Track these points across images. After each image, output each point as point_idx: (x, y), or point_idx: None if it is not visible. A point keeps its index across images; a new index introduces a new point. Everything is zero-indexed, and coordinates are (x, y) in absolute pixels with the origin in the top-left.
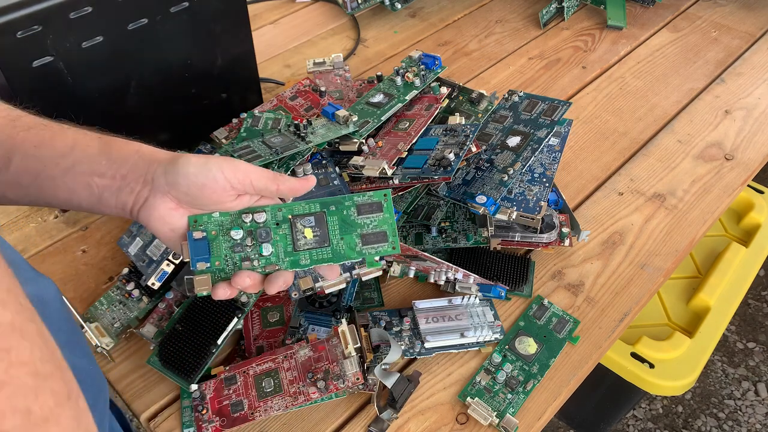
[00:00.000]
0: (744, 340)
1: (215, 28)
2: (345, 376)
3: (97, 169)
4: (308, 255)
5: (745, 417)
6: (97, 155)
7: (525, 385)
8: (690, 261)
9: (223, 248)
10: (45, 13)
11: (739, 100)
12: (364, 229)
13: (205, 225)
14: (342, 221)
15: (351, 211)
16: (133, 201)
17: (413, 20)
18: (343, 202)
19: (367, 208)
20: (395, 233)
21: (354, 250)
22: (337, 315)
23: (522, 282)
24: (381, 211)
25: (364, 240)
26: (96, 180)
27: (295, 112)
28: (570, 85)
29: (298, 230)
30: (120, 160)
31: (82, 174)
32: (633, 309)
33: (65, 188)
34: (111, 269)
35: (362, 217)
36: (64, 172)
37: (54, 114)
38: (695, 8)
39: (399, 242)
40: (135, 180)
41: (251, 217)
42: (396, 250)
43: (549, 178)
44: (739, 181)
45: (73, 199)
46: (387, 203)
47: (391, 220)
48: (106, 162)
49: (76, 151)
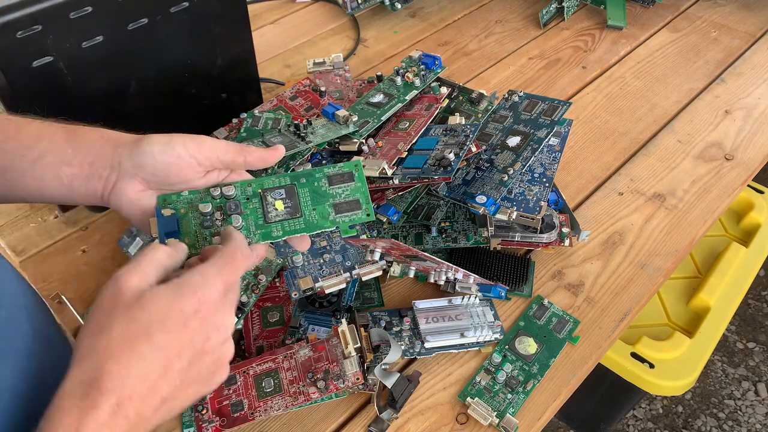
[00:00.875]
0: (744, 340)
1: (215, 28)
2: (345, 376)
3: (65, 158)
4: (280, 226)
5: (745, 417)
6: (63, 144)
7: (525, 385)
8: (690, 261)
9: (192, 224)
10: (45, 13)
11: (739, 100)
12: (336, 198)
13: (174, 203)
14: (313, 192)
15: (322, 182)
16: (103, 187)
17: (413, 20)
18: (313, 174)
19: (338, 178)
20: (368, 200)
21: (327, 220)
22: (337, 315)
23: (522, 282)
24: (353, 181)
25: (336, 209)
26: (64, 169)
27: (295, 112)
28: (570, 85)
29: (268, 203)
30: (86, 148)
31: (50, 165)
32: (633, 309)
33: (35, 180)
34: (111, 269)
35: (334, 187)
36: (32, 164)
37: (54, 114)
38: (695, 8)
39: (373, 209)
40: (102, 166)
41: (219, 191)
42: (371, 217)
43: (549, 178)
44: (739, 181)
45: (44, 190)
46: (358, 173)
47: (364, 188)
48: (72, 150)
49: (42, 142)
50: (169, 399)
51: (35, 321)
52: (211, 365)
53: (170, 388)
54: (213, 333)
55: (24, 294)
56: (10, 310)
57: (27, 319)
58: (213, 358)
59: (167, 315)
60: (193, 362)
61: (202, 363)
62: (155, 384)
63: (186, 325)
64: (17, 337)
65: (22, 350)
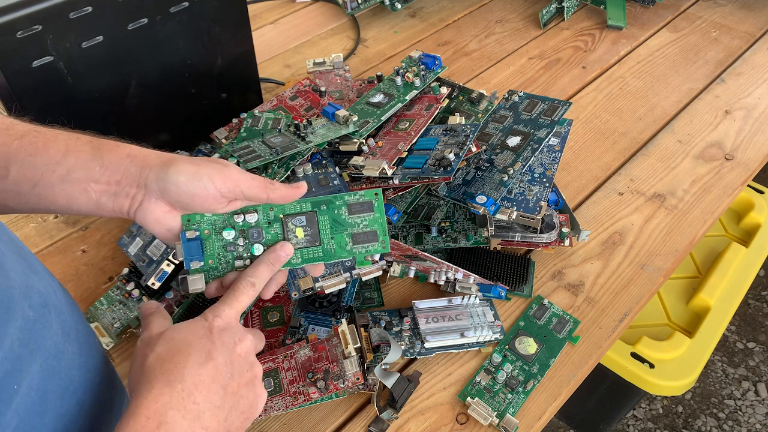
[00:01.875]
0: (744, 340)
1: (215, 28)
2: (345, 376)
3: (92, 176)
4: (299, 254)
5: (745, 417)
6: (90, 161)
7: (525, 385)
8: (690, 261)
9: (216, 247)
10: (45, 13)
11: (739, 100)
12: (354, 228)
13: (198, 224)
14: (333, 220)
15: (342, 210)
16: (129, 204)
17: (413, 20)
18: (334, 202)
19: (357, 207)
20: (385, 233)
21: (344, 250)
22: (337, 315)
23: (522, 282)
24: (371, 211)
25: (354, 239)
26: (92, 186)
27: (295, 112)
28: (570, 85)
29: (289, 230)
30: (112, 166)
31: (79, 181)
32: (633, 309)
33: (63, 195)
34: (111, 269)
35: (353, 216)
36: (61, 180)
37: (54, 114)
38: (695, 8)
39: (389, 241)
40: (129, 185)
41: (243, 218)
42: (386, 249)
43: (549, 178)
44: (739, 181)
45: (72, 204)
46: (378, 202)
47: (382, 219)
48: (100, 168)
49: (69, 157)
50: (229, 391)
51: (65, 321)
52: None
53: (222, 376)
54: (237, 341)
55: (55, 294)
56: (39, 311)
57: (56, 319)
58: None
59: (194, 329)
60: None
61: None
62: (208, 370)
63: (211, 333)
64: (46, 337)
65: (51, 350)
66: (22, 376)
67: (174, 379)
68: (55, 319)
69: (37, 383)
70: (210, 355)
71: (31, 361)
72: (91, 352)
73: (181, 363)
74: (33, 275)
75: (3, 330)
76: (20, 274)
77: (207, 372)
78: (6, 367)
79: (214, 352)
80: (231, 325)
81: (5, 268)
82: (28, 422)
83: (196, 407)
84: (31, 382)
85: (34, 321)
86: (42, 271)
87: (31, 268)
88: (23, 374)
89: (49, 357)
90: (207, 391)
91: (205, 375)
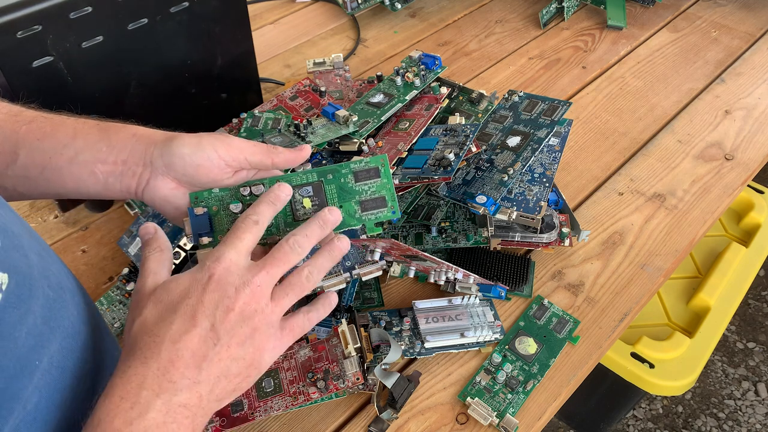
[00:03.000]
0: (744, 340)
1: (215, 28)
2: (345, 376)
3: (99, 156)
4: None
5: (745, 417)
6: (97, 142)
7: (525, 385)
8: (690, 261)
9: (225, 222)
10: (45, 13)
11: (739, 100)
12: (362, 195)
13: (206, 201)
14: (340, 189)
15: (348, 179)
16: (137, 183)
17: (413, 20)
18: (339, 170)
19: (364, 174)
20: (394, 198)
21: (353, 217)
22: (337, 315)
23: (522, 282)
24: (378, 177)
25: (363, 206)
26: (99, 167)
27: (295, 112)
28: (570, 85)
29: (296, 200)
30: (119, 146)
31: (86, 162)
32: (633, 309)
33: (72, 177)
34: (111, 269)
35: (360, 183)
36: (69, 162)
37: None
38: (695, 8)
39: (398, 207)
40: (135, 164)
41: (249, 190)
42: (396, 215)
43: (549, 178)
44: (739, 181)
45: (80, 187)
46: (384, 169)
47: (389, 185)
48: (107, 148)
49: (77, 140)
50: (214, 360)
51: (79, 304)
52: (243, 325)
53: (206, 346)
54: (233, 292)
55: (67, 278)
56: (57, 291)
57: (72, 300)
58: (243, 318)
59: (187, 286)
60: (223, 321)
61: (233, 322)
62: (188, 342)
63: (204, 289)
64: (64, 317)
65: (69, 329)
66: (44, 353)
67: (149, 356)
68: (71, 300)
69: (57, 361)
70: (194, 321)
71: (51, 339)
72: (103, 337)
73: (160, 336)
74: (48, 257)
75: (27, 306)
76: (37, 255)
77: (185, 345)
78: (30, 342)
79: (200, 316)
80: (231, 270)
81: (25, 248)
82: (49, 398)
83: (171, 386)
84: (51, 359)
85: (53, 300)
86: (54, 255)
87: (45, 250)
88: (44, 350)
89: (67, 336)
90: (184, 367)
91: (183, 349)
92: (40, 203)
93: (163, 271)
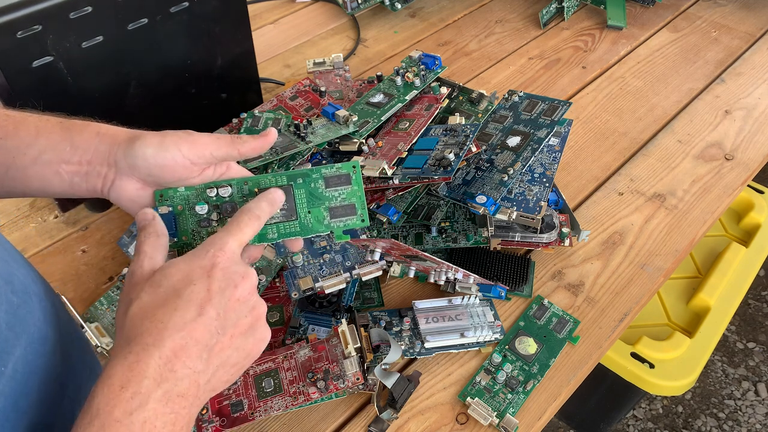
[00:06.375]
0: (744, 340)
1: (215, 28)
2: (345, 376)
3: (63, 156)
4: (275, 228)
5: (745, 417)
6: (60, 142)
7: (525, 385)
8: (690, 261)
9: (190, 222)
10: (45, 13)
11: (739, 100)
12: (332, 202)
13: (171, 200)
14: (309, 194)
15: (319, 184)
16: (102, 183)
17: (413, 20)
18: (310, 175)
19: (335, 180)
20: (364, 206)
21: (322, 224)
22: (337, 315)
23: (522, 282)
24: (349, 184)
25: (332, 213)
26: (64, 167)
27: (295, 112)
28: (570, 85)
29: None
30: (83, 146)
31: (50, 162)
32: (633, 309)
33: (37, 177)
34: (111, 269)
35: (330, 189)
36: (33, 162)
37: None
38: (695, 8)
39: (368, 214)
40: (100, 164)
41: (216, 192)
42: (365, 223)
43: (549, 178)
44: (739, 181)
45: (46, 187)
46: (356, 175)
47: (360, 192)
48: (70, 148)
49: (40, 139)
50: (216, 350)
51: (46, 308)
52: (248, 316)
53: (209, 335)
54: (238, 281)
55: (34, 283)
56: (22, 296)
57: (38, 306)
58: (247, 308)
59: (188, 272)
60: (228, 310)
61: (237, 311)
62: (192, 330)
63: (209, 276)
64: (30, 322)
65: (35, 334)
66: (8, 358)
67: (152, 342)
68: (38, 305)
69: (21, 366)
70: (201, 309)
71: (16, 344)
72: (72, 340)
73: (163, 322)
74: (13, 263)
75: None
76: (1, 261)
77: (190, 334)
78: None
79: (207, 304)
80: (234, 261)
81: None
82: (14, 404)
83: (173, 375)
84: (16, 365)
85: (17, 306)
86: (21, 260)
87: (10, 255)
88: (9, 356)
89: (33, 341)
90: (187, 357)
91: (187, 338)
92: (40, 203)
93: (158, 255)
